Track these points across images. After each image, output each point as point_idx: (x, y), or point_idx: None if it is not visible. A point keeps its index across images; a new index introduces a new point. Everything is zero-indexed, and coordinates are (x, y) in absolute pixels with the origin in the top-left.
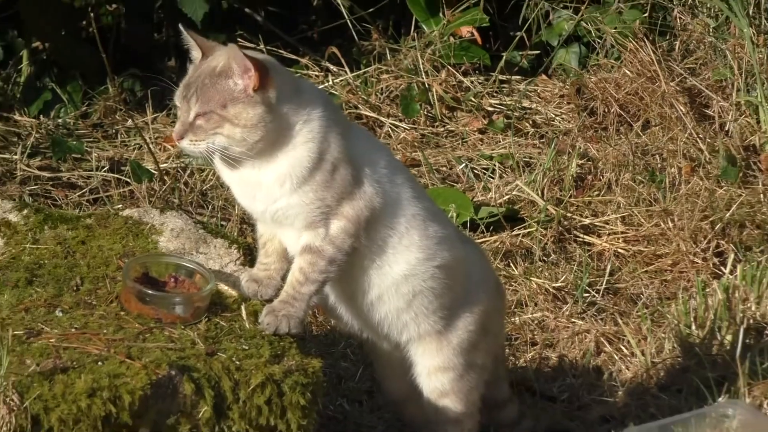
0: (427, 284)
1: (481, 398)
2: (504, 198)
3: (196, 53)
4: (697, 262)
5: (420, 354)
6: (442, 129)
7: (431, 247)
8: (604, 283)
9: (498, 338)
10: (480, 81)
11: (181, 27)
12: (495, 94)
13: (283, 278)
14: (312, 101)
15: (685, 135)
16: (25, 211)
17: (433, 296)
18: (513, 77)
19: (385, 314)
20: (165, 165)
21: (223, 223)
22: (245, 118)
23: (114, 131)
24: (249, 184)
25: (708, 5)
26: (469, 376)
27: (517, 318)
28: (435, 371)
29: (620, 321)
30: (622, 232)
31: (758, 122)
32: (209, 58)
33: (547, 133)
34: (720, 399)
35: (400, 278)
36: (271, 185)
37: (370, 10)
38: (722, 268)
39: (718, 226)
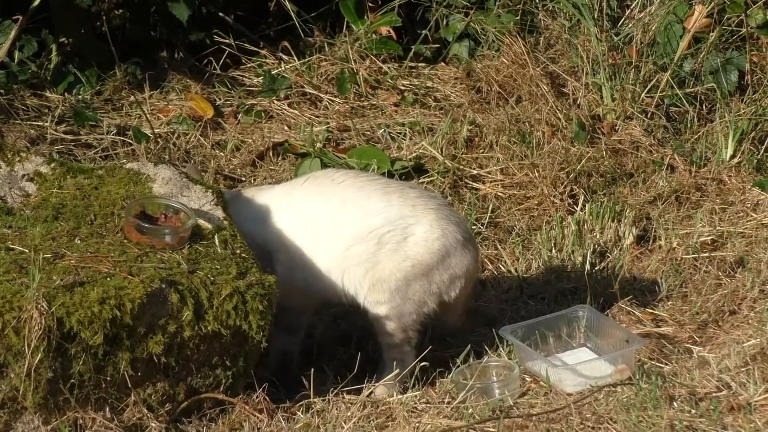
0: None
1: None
2: (413, 154)
3: None
4: (556, 202)
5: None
6: (366, 103)
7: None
8: (487, 218)
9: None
10: (395, 67)
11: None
12: (406, 77)
13: None
14: None
15: (548, 107)
16: (52, 165)
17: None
18: (419, 64)
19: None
20: (159, 130)
21: (202, 174)
22: None
23: (120, 105)
24: None
25: (564, 11)
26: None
27: None
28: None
29: (499, 246)
30: (500, 180)
31: (601, 98)
32: None
33: (444, 106)
34: (573, 305)
35: None
36: None
37: (313, 14)
38: (575, 207)
39: (571, 175)
